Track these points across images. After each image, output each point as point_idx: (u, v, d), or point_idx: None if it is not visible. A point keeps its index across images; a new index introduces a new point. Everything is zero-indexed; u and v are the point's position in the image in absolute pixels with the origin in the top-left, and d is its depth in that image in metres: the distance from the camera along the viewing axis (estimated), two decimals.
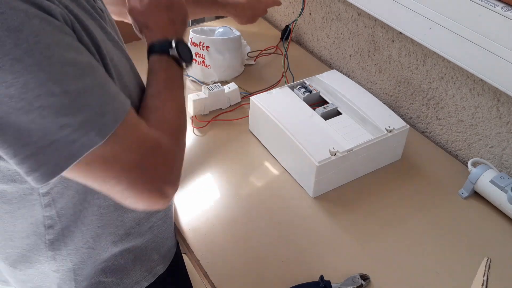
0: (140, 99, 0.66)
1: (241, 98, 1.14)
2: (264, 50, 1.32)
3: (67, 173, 0.51)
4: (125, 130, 0.53)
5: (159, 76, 0.67)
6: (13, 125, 0.46)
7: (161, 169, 0.57)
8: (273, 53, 1.33)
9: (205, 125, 1.07)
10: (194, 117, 1.08)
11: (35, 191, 0.60)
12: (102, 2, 0.66)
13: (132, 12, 0.74)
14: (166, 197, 0.58)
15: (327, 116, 0.98)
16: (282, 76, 1.18)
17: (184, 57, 0.69)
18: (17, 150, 0.47)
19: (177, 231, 0.85)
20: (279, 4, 1.16)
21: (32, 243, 0.66)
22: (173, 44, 0.68)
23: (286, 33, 1.33)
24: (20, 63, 0.44)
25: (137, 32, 0.75)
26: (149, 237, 0.75)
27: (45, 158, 0.48)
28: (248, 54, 1.28)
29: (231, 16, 1.11)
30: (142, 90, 0.67)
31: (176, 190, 0.60)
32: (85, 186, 0.56)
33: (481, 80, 0.91)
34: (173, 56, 0.68)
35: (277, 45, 1.34)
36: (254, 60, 1.29)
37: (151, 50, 0.69)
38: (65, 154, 0.48)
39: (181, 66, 0.70)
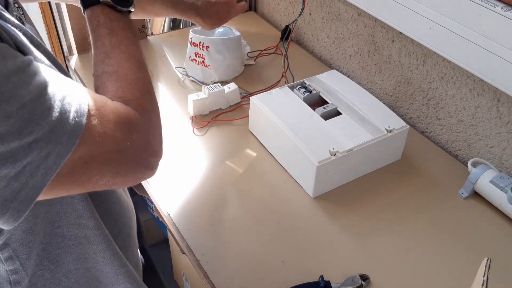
0: None
1: (241, 98, 1.14)
2: (264, 50, 1.32)
3: (48, 192, 0.46)
4: (93, 118, 0.47)
5: (101, 35, 0.58)
6: None
7: (141, 145, 0.53)
8: (273, 53, 1.33)
9: (205, 125, 1.07)
10: (194, 117, 1.08)
11: None
12: (31, 25, 0.59)
13: None
14: (152, 168, 0.55)
15: (327, 116, 0.98)
16: (282, 76, 1.18)
17: (121, 1, 0.60)
18: None
19: (177, 232, 0.85)
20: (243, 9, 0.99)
21: None
22: None
23: (286, 33, 1.33)
24: None
25: None
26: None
27: (19, 185, 0.43)
28: (248, 54, 1.28)
29: (192, 17, 0.91)
30: None
31: (160, 157, 0.56)
32: (47, 219, 0.52)
33: (481, 80, 0.91)
34: (106, 2, 0.59)
35: (277, 45, 1.34)
36: (254, 60, 1.29)
37: (83, 4, 0.60)
38: (41, 172, 0.43)
39: (121, 12, 0.61)
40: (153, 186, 0.92)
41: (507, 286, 0.78)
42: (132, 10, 0.63)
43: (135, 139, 0.52)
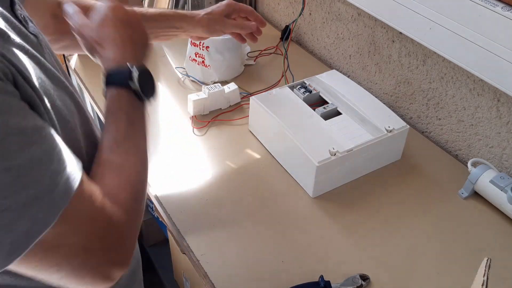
0: (89, 147, 0.56)
1: (241, 98, 1.14)
2: (264, 50, 1.32)
3: None
4: (76, 205, 0.44)
5: (119, 120, 0.57)
6: None
7: (111, 252, 0.49)
8: (273, 53, 1.33)
9: (205, 125, 1.07)
10: (194, 117, 1.08)
11: None
12: (34, 24, 0.55)
13: (81, 30, 0.63)
14: (111, 280, 0.50)
15: (327, 116, 0.98)
16: (282, 76, 1.18)
17: (148, 91, 0.60)
18: None
19: (177, 231, 0.85)
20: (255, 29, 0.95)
21: None
22: (134, 74, 0.58)
23: (286, 33, 1.33)
24: None
25: (88, 53, 0.64)
26: None
27: None
28: (248, 54, 1.28)
29: (198, 31, 0.90)
30: (91, 134, 0.58)
31: (124, 270, 0.52)
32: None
33: (481, 80, 0.91)
34: (134, 89, 0.59)
35: (277, 45, 1.34)
36: (254, 60, 1.29)
37: (107, 81, 0.59)
38: (6, 249, 0.39)
39: (143, 101, 0.60)
40: (153, 186, 0.92)
41: (507, 286, 0.78)
42: (155, 101, 0.62)
43: (108, 243, 0.49)
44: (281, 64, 1.25)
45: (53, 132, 0.44)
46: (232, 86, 1.11)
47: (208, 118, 1.08)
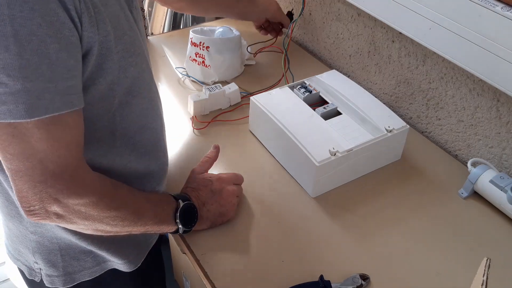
0: (148, 75, 0.67)
1: (241, 98, 1.14)
2: (264, 48, 1.32)
3: None
4: (52, 125, 0.53)
5: (150, 203, 0.70)
6: None
7: (60, 184, 0.56)
8: (273, 45, 1.30)
9: (205, 126, 1.07)
10: (194, 118, 1.08)
11: None
12: None
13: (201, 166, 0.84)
14: (42, 209, 0.57)
15: (327, 116, 0.98)
16: (282, 76, 1.18)
17: (185, 225, 0.75)
18: None
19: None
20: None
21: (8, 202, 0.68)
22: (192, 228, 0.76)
23: (291, 20, 1.30)
24: None
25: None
26: None
27: None
28: (249, 49, 1.28)
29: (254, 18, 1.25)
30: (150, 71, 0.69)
31: (58, 215, 0.59)
32: None
33: (481, 80, 0.91)
34: (180, 227, 0.74)
35: (277, 35, 1.31)
36: (254, 55, 1.28)
37: (176, 196, 0.75)
38: None
39: (175, 229, 0.75)
40: None
41: (507, 286, 0.78)
42: (180, 231, 0.76)
43: (61, 177, 0.56)
44: (281, 64, 1.25)
45: (68, 72, 0.53)
46: (233, 86, 1.11)
47: (208, 118, 1.08)
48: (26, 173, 0.54)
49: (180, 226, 0.74)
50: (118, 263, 0.77)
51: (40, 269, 0.74)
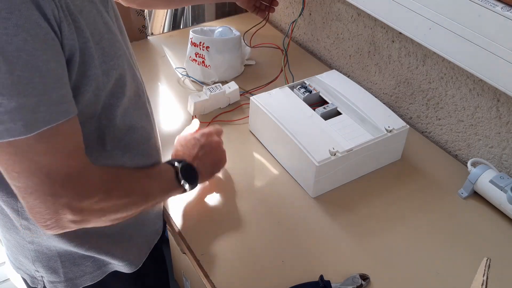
0: (132, 79, 0.67)
1: (240, 96, 1.14)
2: (262, 41, 1.32)
3: None
4: (52, 137, 0.53)
5: (153, 179, 0.72)
6: None
7: (67, 192, 0.56)
8: (273, 44, 1.31)
9: (205, 127, 1.07)
10: (194, 118, 1.08)
11: None
12: None
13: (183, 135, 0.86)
14: (58, 221, 0.57)
15: (327, 116, 0.98)
16: (281, 71, 1.18)
17: (187, 177, 0.76)
18: None
19: (177, 232, 0.85)
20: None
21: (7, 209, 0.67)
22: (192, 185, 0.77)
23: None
24: None
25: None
26: (124, 222, 0.74)
27: None
28: (248, 49, 1.28)
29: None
30: (134, 75, 0.69)
31: (74, 221, 0.59)
32: None
33: (481, 80, 0.91)
34: (182, 184, 0.75)
35: (265, 14, 1.31)
36: (251, 46, 1.28)
37: (171, 162, 0.76)
38: None
39: (180, 184, 0.75)
40: None
41: (507, 286, 0.78)
42: (187, 190, 0.77)
43: (67, 184, 0.56)
44: (281, 63, 1.25)
45: (60, 79, 0.53)
46: (233, 86, 1.11)
47: (208, 118, 1.08)
48: (35, 189, 0.54)
49: (186, 186, 0.76)
50: (119, 265, 0.77)
51: (41, 276, 0.75)
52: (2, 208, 0.69)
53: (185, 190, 0.76)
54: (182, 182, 0.75)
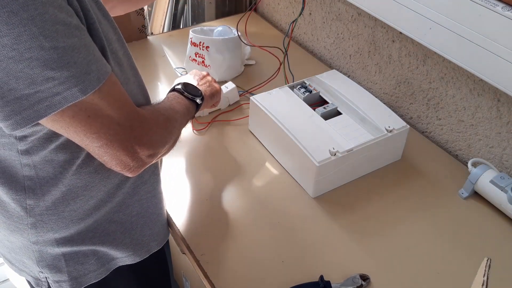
0: (128, 67, 0.70)
1: (240, 96, 1.13)
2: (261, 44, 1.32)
3: (50, 124, 0.56)
4: (108, 89, 0.58)
5: (170, 101, 0.79)
6: (2, 72, 0.50)
7: (136, 131, 0.62)
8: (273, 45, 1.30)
9: (205, 127, 1.07)
10: (194, 119, 1.08)
11: (13, 147, 0.62)
12: None
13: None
14: (137, 159, 0.63)
15: (327, 116, 0.98)
16: (279, 68, 1.17)
17: (192, 92, 0.83)
18: (2, 94, 0.51)
19: (177, 232, 0.85)
20: None
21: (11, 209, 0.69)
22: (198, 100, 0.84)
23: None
24: (15, 16, 0.48)
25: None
26: (137, 210, 0.76)
27: (27, 104, 0.52)
28: (248, 49, 1.28)
29: None
30: (129, 58, 0.72)
31: (149, 155, 0.65)
32: (67, 148, 0.63)
33: (481, 80, 0.91)
34: (182, 91, 0.82)
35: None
36: (249, 42, 1.28)
37: (181, 88, 0.82)
38: (46, 103, 0.52)
39: (194, 102, 0.83)
40: None
41: (507, 286, 0.78)
42: (199, 102, 0.84)
43: (134, 125, 0.62)
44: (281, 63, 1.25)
45: (90, 38, 0.56)
46: (230, 85, 1.11)
47: (208, 119, 1.08)
48: (114, 139, 0.60)
49: (196, 100, 0.83)
50: (123, 257, 0.78)
51: (46, 277, 0.75)
52: (7, 210, 0.69)
53: (196, 103, 0.83)
54: (191, 97, 0.82)
